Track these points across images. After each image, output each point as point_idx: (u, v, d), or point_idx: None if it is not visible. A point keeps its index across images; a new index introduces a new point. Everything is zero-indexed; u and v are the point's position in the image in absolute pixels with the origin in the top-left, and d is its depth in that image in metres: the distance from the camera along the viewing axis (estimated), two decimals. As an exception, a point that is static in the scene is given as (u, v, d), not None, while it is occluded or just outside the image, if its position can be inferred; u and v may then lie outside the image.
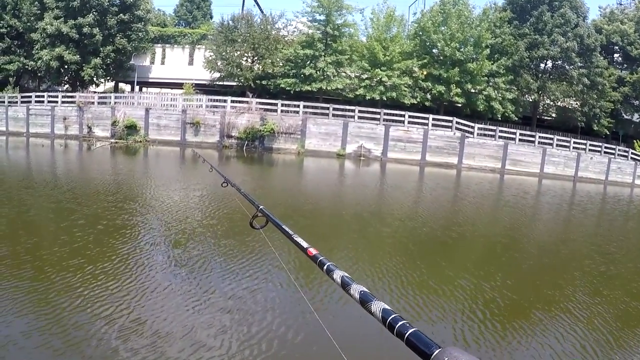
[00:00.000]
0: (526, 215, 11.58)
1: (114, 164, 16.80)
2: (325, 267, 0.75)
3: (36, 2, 26.06)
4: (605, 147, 26.17)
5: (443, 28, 23.13)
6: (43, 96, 25.39)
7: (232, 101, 22.29)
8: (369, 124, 22.07)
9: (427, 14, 23.63)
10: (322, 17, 22.84)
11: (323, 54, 22.36)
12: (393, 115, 22.22)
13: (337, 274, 0.70)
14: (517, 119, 25.32)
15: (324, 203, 10.25)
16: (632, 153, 26.73)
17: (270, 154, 21.67)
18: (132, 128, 22.84)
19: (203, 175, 13.45)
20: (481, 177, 21.72)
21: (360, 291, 0.59)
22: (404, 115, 22.14)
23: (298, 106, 22.06)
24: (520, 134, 23.91)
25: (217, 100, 22.77)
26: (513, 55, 24.77)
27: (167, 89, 27.32)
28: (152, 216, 7.28)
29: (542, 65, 26.71)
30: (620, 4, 30.66)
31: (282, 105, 21.79)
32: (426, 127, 22.27)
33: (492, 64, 23.92)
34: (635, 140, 27.79)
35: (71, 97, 24.77)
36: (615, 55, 29.34)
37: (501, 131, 23.50)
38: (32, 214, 6.68)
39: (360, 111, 22.06)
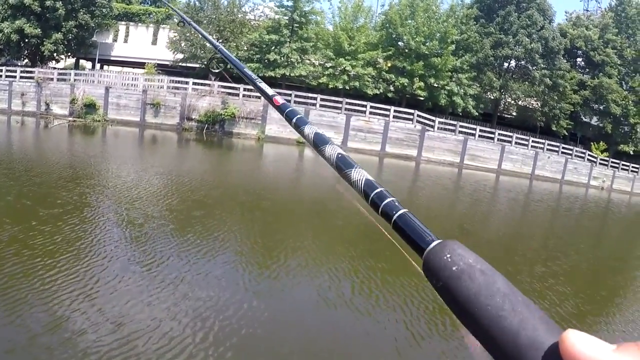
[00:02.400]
0: (481, 210, 11.93)
1: (70, 145, 16.48)
2: (293, 121, 0.63)
3: (-2, -28, 25.10)
4: (563, 148, 27.05)
5: (410, 21, 23.37)
6: (1, 70, 24.53)
7: (194, 83, 22.04)
8: (331, 113, 22.18)
9: (394, 7, 23.80)
10: (290, 3, 22.74)
11: (288, 40, 22.30)
12: (355, 105, 22.39)
13: (309, 129, 0.58)
14: (477, 114, 25.87)
15: (281, 193, 10.35)
16: (588, 154, 27.70)
17: (230, 138, 21.57)
18: (91, 107, 22.34)
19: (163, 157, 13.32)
20: (439, 170, 22.18)
21: (338, 154, 0.49)
22: (365, 106, 22.34)
23: (260, 91, 21.93)
24: (480, 130, 24.46)
25: (178, 82, 22.47)
26: (478, 52, 25.25)
27: (129, 68, 26.75)
28: (109, 200, 7.24)
29: (506, 64, 27.33)
30: (587, 11, 31.61)
31: (244, 89, 21.68)
32: (387, 118, 22.53)
33: (457, 60, 24.33)
34: (592, 143, 28.80)
35: (30, 72, 24.00)
36: (579, 59, 30.22)
37: (461, 126, 23.99)
38: None
39: (322, 99, 22.14)
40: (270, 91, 0.78)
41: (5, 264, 4.07)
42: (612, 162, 28.39)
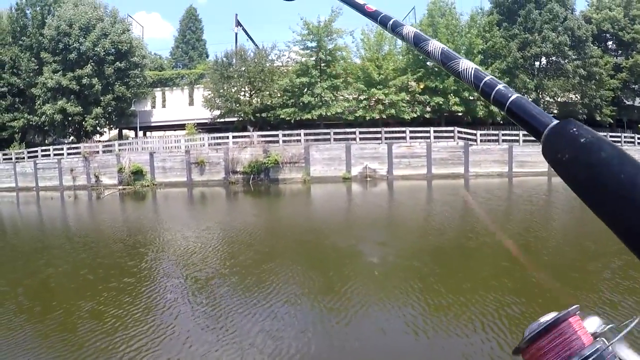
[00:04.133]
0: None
1: (124, 213, 17.03)
2: (389, 25, 0.61)
3: (33, 59, 26.74)
4: (611, 136, 25.96)
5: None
6: (49, 149, 25.87)
7: (234, 137, 22.55)
8: (372, 144, 22.15)
9: (416, 27, 23.79)
10: (314, 44, 23.13)
11: (319, 80, 22.59)
12: (394, 132, 22.31)
13: (406, 30, 0.57)
14: (518, 120, 25.25)
15: (338, 230, 10.26)
16: (638, 139, 26.50)
17: (277, 185, 21.80)
18: (138, 173, 23.15)
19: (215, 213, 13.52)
20: (490, 183, 21.64)
21: (441, 49, 0.49)
22: (405, 131, 22.21)
23: (299, 135, 22.25)
24: (524, 135, 23.78)
25: (219, 138, 23.05)
26: (506, 57, 24.83)
27: (170, 131, 27.69)
28: (169, 259, 7.42)
29: (537, 63, 26.71)
30: (607, -9, 30.57)
31: (283, 135, 21.98)
32: (428, 140, 22.30)
33: (487, 69, 23.95)
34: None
35: (76, 148, 25.20)
36: (609, 42, 29.26)
37: (504, 134, 23.45)
38: (53, 277, 6.71)
39: (361, 132, 22.18)
40: (361, 1, 0.70)
41: (86, 334, 4.23)
42: (663, 141, 27.03)
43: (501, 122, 25.00)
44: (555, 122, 0.33)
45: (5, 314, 4.78)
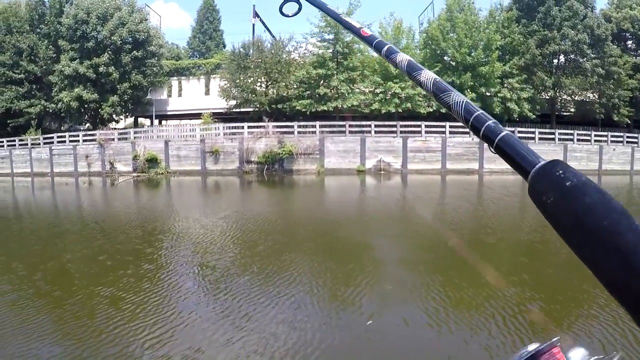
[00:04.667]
0: None
1: (138, 200, 17.14)
2: (383, 51, 0.62)
3: (51, 46, 27.02)
4: (627, 137, 25.68)
5: (452, 35, 23.14)
6: (65, 136, 26.16)
7: (249, 127, 22.63)
8: (387, 138, 22.11)
9: (434, 23, 23.69)
10: (331, 36, 23.09)
11: (335, 72, 22.56)
12: (409, 126, 22.23)
13: (400, 57, 0.57)
14: (535, 117, 25.05)
15: (352, 221, 10.31)
16: (655, 140, 26.15)
17: (291, 175, 21.85)
18: (153, 161, 23.33)
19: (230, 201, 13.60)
20: (504, 180, 21.47)
21: (434, 79, 0.49)
22: (420, 126, 22.13)
23: (314, 126, 22.26)
24: (540, 133, 23.64)
25: (234, 127, 23.14)
26: (524, 54, 24.58)
27: (185, 120, 27.89)
28: (187, 247, 7.44)
29: (555, 60, 26.40)
30: (628, -10, 30.11)
31: (299, 126, 22.01)
32: (444, 135, 22.20)
33: (504, 65, 23.78)
34: (657, 127, 27.20)
35: (92, 135, 25.46)
36: (628, 42, 28.83)
37: (520, 131, 23.23)
38: (70, 259, 6.73)
39: (376, 125, 22.14)
40: (357, 25, 0.73)
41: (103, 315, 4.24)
42: (681, 143, 26.65)
43: (517, 119, 24.81)
44: (543, 162, 0.33)
45: (23, 298, 4.74)
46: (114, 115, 27.01)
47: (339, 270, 5.88)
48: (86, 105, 26.46)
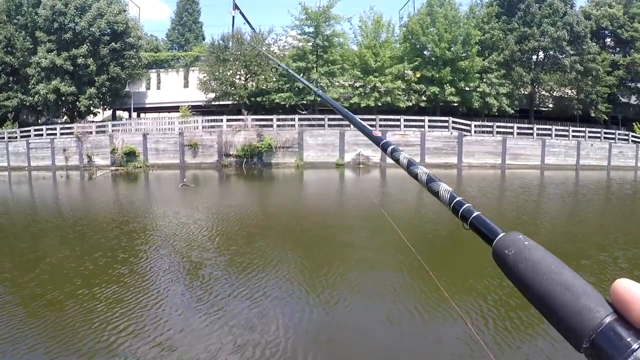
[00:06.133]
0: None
1: (116, 194, 16.87)
2: (388, 150, 0.77)
3: (28, 37, 26.46)
4: (605, 133, 26.06)
5: (432, 29, 23.21)
6: (42, 129, 25.68)
7: (228, 120, 22.44)
8: (366, 131, 22.09)
9: (414, 17, 23.72)
10: (311, 29, 23.00)
11: (315, 65, 22.49)
12: (389, 120, 22.26)
13: (402, 156, 0.71)
14: (513, 112, 25.28)
15: (330, 214, 10.28)
16: (632, 136, 26.59)
17: (270, 169, 21.74)
18: (131, 154, 23.02)
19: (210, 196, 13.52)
20: (482, 174, 21.65)
21: (427, 175, 0.61)
22: (399, 120, 22.17)
23: (293, 120, 22.17)
24: (518, 128, 23.86)
25: (213, 121, 22.94)
26: (504, 50, 24.78)
27: (164, 113, 27.57)
28: (160, 240, 7.33)
29: (534, 57, 26.70)
30: (608, -12, 30.53)
31: (278, 120, 21.90)
32: (423, 129, 22.28)
33: (484, 60, 23.94)
34: (634, 123, 27.64)
35: (69, 128, 25.03)
36: (607, 39, 29.29)
37: (498, 126, 23.46)
38: (43, 251, 6.68)
39: (356, 119, 22.08)
40: (368, 128, 0.92)
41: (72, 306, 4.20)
42: (657, 140, 27.15)
43: (496, 114, 25.02)
44: (501, 235, 0.42)
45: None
46: (91, 108, 26.58)
47: (312, 261, 5.94)
48: (64, 98, 25.99)
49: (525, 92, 26.19)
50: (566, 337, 0.33)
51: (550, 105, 28.25)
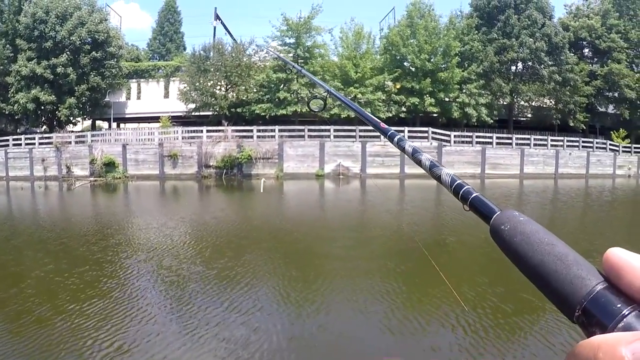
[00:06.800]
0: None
1: (95, 205, 16.66)
2: (395, 140, 0.79)
3: (8, 45, 26.15)
4: (583, 142, 26.54)
5: (412, 40, 23.46)
6: (20, 139, 25.30)
7: (208, 131, 22.37)
8: (346, 142, 22.20)
9: (395, 29, 23.96)
10: (292, 40, 23.10)
11: (296, 76, 22.56)
12: (369, 131, 22.34)
13: (407, 145, 0.73)
14: (492, 122, 25.61)
15: (310, 224, 10.27)
16: (610, 144, 27.11)
17: (250, 180, 21.66)
18: (110, 165, 22.79)
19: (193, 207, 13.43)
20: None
21: (430, 161, 0.64)
22: (379, 130, 22.29)
23: (274, 130, 22.18)
24: (497, 137, 24.18)
25: (193, 131, 22.84)
26: (483, 61, 25.13)
27: (144, 124, 27.36)
28: (138, 253, 7.27)
29: (513, 67, 27.11)
30: (586, 0, 31.26)
31: (258, 131, 21.88)
32: (403, 139, 22.41)
33: (463, 71, 24.25)
34: (612, 132, 28.20)
35: (48, 138, 24.71)
36: (585, 50, 29.88)
37: (478, 136, 23.74)
38: (16, 262, 6.53)
39: (335, 130, 22.21)
40: (377, 120, 0.94)
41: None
42: (634, 147, 27.74)
43: (476, 124, 25.32)
44: (497, 213, 0.44)
45: None
46: (71, 118, 26.30)
47: (294, 272, 6.03)
48: (43, 107, 25.68)
49: (505, 103, 26.57)
50: (559, 307, 0.33)
51: (529, 115, 28.69)
